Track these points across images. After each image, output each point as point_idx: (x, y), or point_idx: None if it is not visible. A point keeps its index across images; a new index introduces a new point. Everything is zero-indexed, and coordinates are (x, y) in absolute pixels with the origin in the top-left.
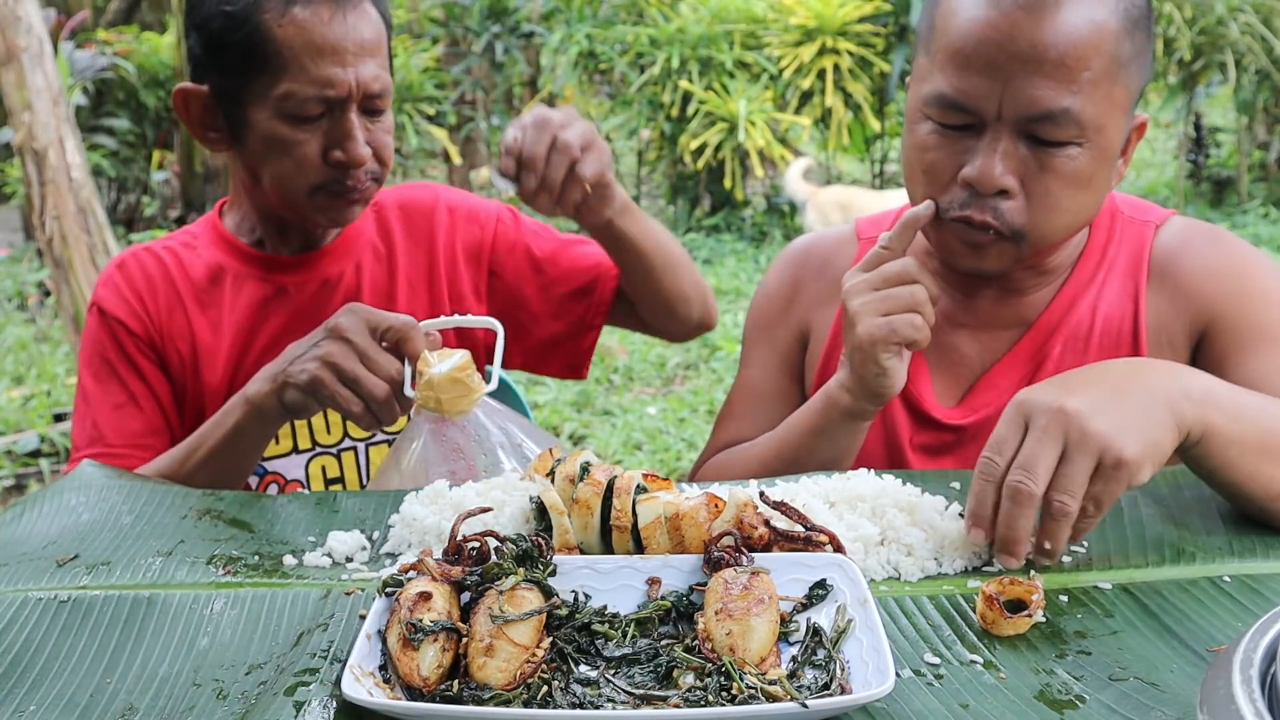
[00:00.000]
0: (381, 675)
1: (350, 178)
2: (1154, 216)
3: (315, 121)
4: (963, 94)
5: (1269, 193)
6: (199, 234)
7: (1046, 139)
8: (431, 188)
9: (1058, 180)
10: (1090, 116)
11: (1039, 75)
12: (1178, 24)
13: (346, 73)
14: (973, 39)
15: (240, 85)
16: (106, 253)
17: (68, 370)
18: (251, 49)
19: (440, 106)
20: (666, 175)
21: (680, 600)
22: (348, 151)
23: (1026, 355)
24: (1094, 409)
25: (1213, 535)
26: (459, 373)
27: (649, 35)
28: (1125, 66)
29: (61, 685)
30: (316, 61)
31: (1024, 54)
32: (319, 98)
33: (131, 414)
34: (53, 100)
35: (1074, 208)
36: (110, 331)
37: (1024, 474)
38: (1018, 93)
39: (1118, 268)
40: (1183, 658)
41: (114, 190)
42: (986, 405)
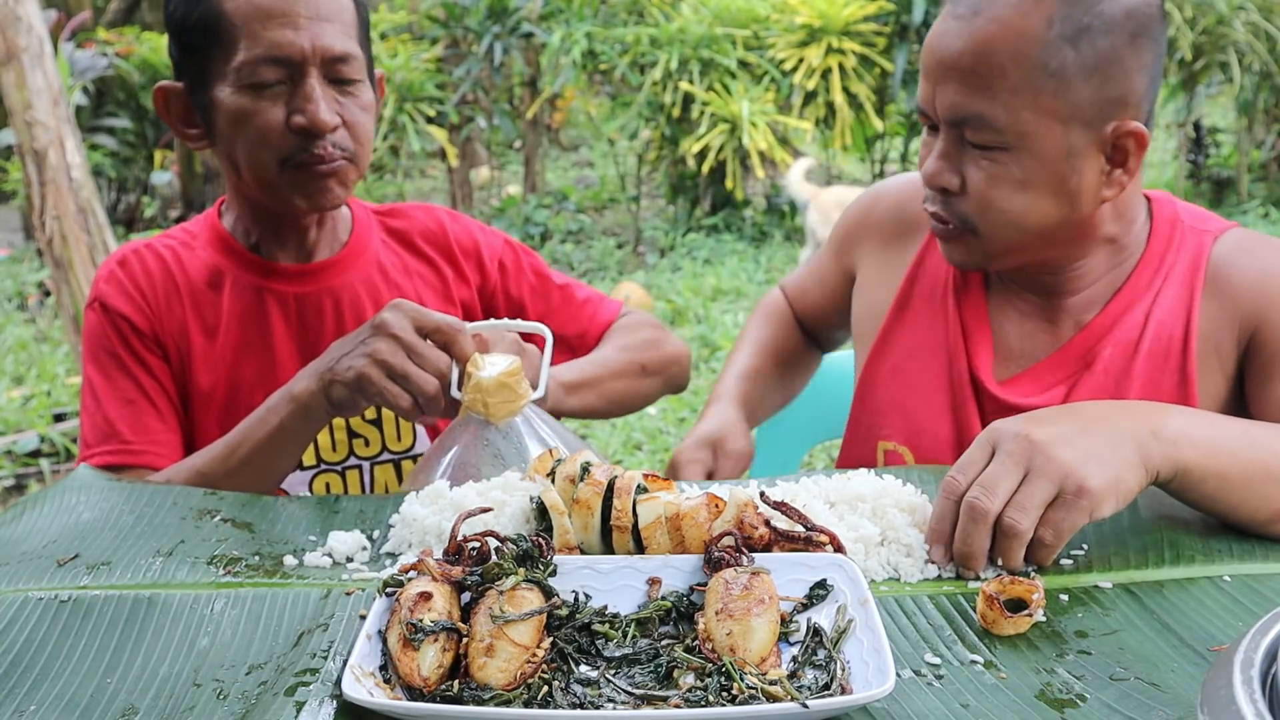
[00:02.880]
0: (382, 675)
1: (317, 147)
2: (1214, 226)
3: (274, 89)
4: (920, 98)
5: (1269, 193)
6: (197, 233)
7: (974, 142)
8: (438, 214)
9: (987, 181)
10: (1008, 123)
11: (955, 80)
12: (1178, 24)
13: (299, 35)
14: (927, 46)
15: (203, 67)
16: (106, 252)
17: (68, 370)
18: (207, 25)
19: (441, 107)
20: (667, 175)
21: (681, 600)
22: (308, 115)
23: (1076, 354)
24: (1060, 439)
25: (1213, 535)
26: (509, 378)
27: (650, 35)
28: (1057, 76)
29: (62, 685)
30: (267, 26)
31: (947, 60)
32: (272, 59)
33: (145, 410)
34: (53, 100)
35: (1014, 209)
36: (115, 327)
37: (981, 492)
38: (942, 96)
39: (1175, 276)
40: (1183, 657)
41: (114, 190)
42: (1027, 394)
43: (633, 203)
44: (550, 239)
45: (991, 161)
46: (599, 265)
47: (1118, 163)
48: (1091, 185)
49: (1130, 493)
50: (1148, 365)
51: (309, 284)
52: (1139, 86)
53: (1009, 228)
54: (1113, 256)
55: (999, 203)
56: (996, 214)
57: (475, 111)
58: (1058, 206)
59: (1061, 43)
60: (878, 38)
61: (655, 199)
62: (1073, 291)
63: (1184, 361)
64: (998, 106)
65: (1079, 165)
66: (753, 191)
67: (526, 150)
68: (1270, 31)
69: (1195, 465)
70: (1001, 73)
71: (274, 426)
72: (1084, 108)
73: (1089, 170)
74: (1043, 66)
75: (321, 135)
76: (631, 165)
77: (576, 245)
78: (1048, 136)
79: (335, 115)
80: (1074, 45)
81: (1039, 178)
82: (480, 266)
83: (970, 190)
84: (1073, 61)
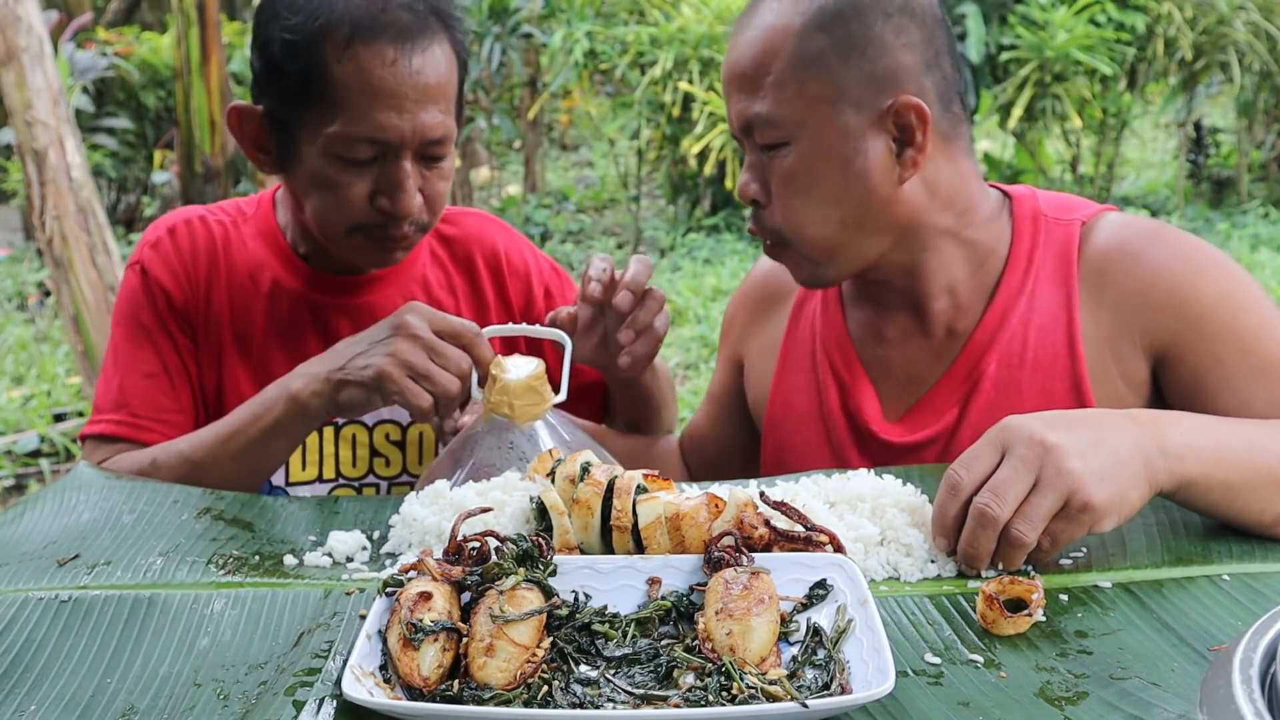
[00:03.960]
0: (382, 675)
1: (395, 226)
2: (1079, 213)
3: (366, 165)
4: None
5: (1269, 193)
6: (250, 216)
7: (762, 144)
8: (492, 228)
9: (779, 181)
10: (781, 115)
11: (735, 90)
12: (1178, 24)
13: (403, 120)
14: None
15: (293, 115)
16: (106, 253)
17: (68, 370)
18: (308, 81)
19: None
20: (668, 175)
21: (680, 600)
22: (395, 203)
23: (963, 373)
24: (1074, 450)
25: (1212, 534)
26: (534, 381)
27: (650, 35)
28: (816, 61)
29: (62, 685)
30: (373, 105)
31: (727, 74)
32: (371, 141)
33: (162, 386)
34: (53, 100)
35: (809, 202)
36: (150, 296)
37: (993, 498)
38: (731, 110)
39: (1046, 275)
40: (1184, 656)
41: (114, 190)
42: (928, 426)
43: (633, 203)
44: (550, 239)
45: (780, 160)
46: None
47: (907, 141)
48: (881, 165)
49: (1133, 510)
50: (1035, 375)
51: (351, 297)
52: (908, 62)
53: (813, 225)
54: (968, 255)
55: (794, 197)
56: (796, 211)
57: (475, 112)
58: (849, 191)
59: (814, 31)
60: None
61: (655, 199)
62: (934, 295)
63: (1074, 367)
64: (769, 102)
65: (861, 146)
66: None
67: (526, 150)
68: (1271, 31)
69: (1200, 477)
70: (766, 70)
71: (268, 423)
72: (850, 88)
73: (874, 150)
74: (800, 55)
75: (404, 219)
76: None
77: (576, 245)
78: (820, 120)
79: (419, 197)
80: (827, 31)
81: (823, 164)
82: (528, 291)
83: (773, 195)
84: (829, 45)
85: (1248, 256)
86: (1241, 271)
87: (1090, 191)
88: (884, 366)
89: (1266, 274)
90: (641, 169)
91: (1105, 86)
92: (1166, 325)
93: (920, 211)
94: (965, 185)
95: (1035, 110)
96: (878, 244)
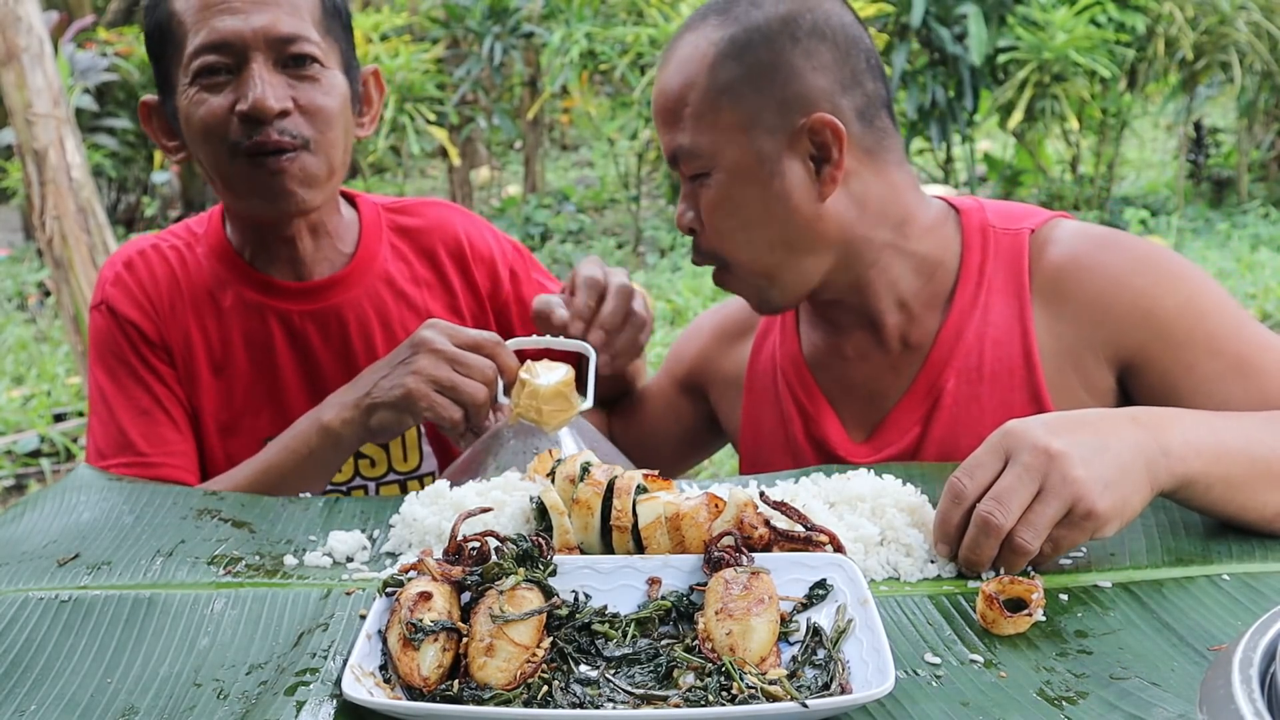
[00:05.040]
0: (382, 675)
1: (261, 133)
2: (1028, 222)
3: (220, 77)
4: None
5: (1269, 193)
6: (201, 235)
7: (689, 175)
8: (451, 214)
9: (707, 209)
10: (701, 146)
11: (662, 122)
12: (1179, 24)
13: (238, 19)
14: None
15: (165, 73)
16: (106, 252)
17: (68, 370)
18: (162, 29)
19: (442, 108)
20: (668, 175)
21: (680, 600)
22: (250, 100)
23: (923, 391)
24: (1078, 457)
25: (1212, 534)
26: (564, 387)
27: (649, 35)
28: (728, 90)
29: (62, 685)
30: (207, 15)
31: (655, 110)
32: (212, 46)
33: (160, 420)
34: (53, 100)
35: (735, 225)
36: (124, 334)
37: (996, 506)
38: (661, 143)
39: (998, 287)
40: (1183, 656)
41: (114, 190)
42: (892, 444)
43: (633, 203)
44: (550, 239)
45: (705, 188)
46: None
47: (824, 159)
48: (800, 185)
49: (1135, 514)
50: (993, 389)
51: (313, 302)
52: (821, 84)
53: (743, 247)
54: (915, 267)
55: (721, 224)
56: (726, 237)
57: (475, 112)
58: (772, 212)
59: (725, 60)
60: (877, 38)
61: (655, 199)
62: (885, 309)
63: (1031, 379)
64: (689, 134)
65: (778, 168)
66: None
67: (526, 150)
68: (1272, 31)
69: (1200, 476)
70: (684, 102)
71: (303, 457)
72: (762, 114)
73: (791, 171)
74: (714, 86)
75: (266, 120)
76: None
77: (576, 245)
78: (735, 148)
79: (284, 99)
80: (738, 60)
81: (742, 189)
82: (494, 274)
83: (704, 221)
84: (739, 74)
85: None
86: (1200, 273)
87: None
88: (844, 386)
89: (1266, 274)
90: (641, 169)
91: (1105, 87)
92: (1130, 336)
93: (851, 226)
94: (898, 197)
95: (1035, 111)
96: (816, 263)
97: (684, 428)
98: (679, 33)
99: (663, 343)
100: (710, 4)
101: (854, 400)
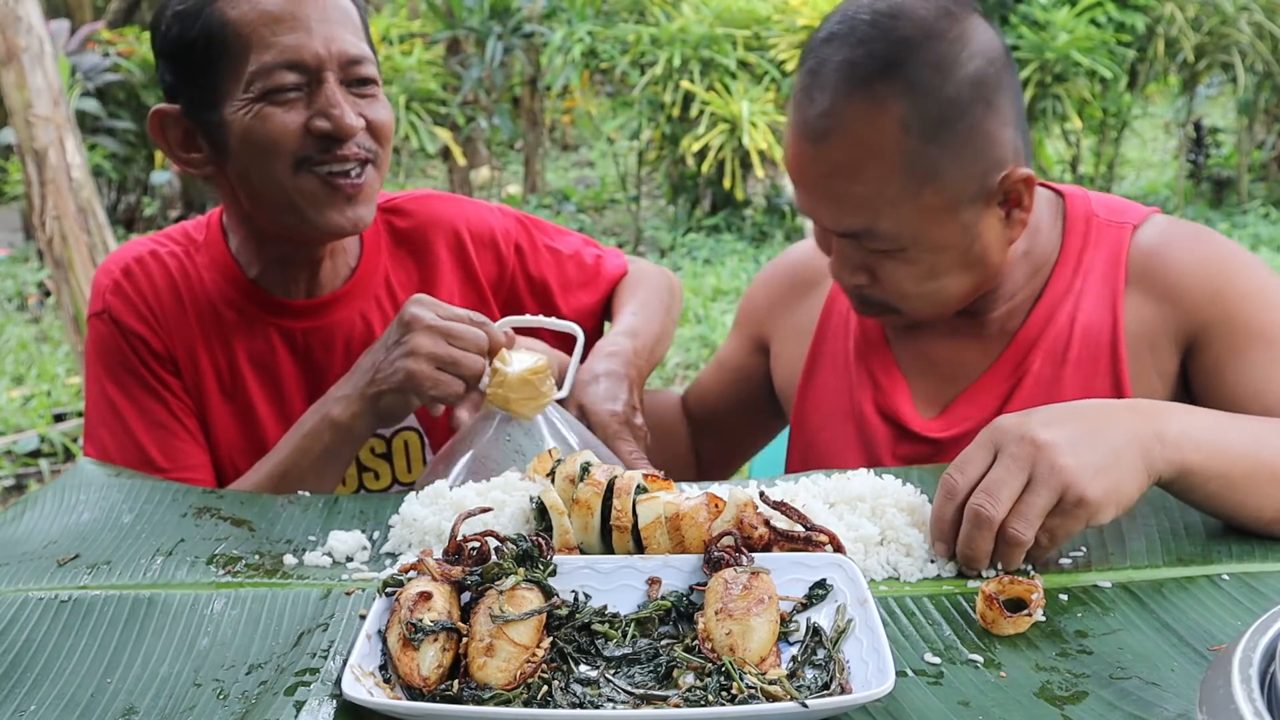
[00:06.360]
0: (382, 675)
1: (339, 148)
2: (1131, 217)
3: (290, 95)
4: (800, 206)
5: (1269, 193)
6: (201, 244)
7: (871, 249)
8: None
9: (894, 275)
10: (899, 231)
11: (831, 203)
12: (1180, 24)
13: (313, 39)
14: (788, 163)
15: (210, 85)
16: (106, 252)
17: (68, 370)
18: (211, 39)
19: (446, 107)
20: (668, 175)
21: (680, 600)
22: (333, 120)
23: (1008, 370)
24: (1065, 445)
25: (1212, 534)
26: (532, 375)
27: (650, 34)
28: (930, 176)
29: (62, 685)
30: (280, 31)
31: (813, 185)
32: (288, 65)
33: (176, 433)
34: (53, 100)
35: (929, 291)
36: (130, 345)
37: (986, 499)
38: (824, 216)
39: (1095, 274)
40: (1183, 656)
41: (114, 190)
42: (967, 419)
43: (633, 203)
44: None
45: (896, 261)
46: None
47: (1013, 204)
48: (995, 239)
49: (1130, 500)
50: (1078, 373)
51: (317, 318)
52: (1009, 138)
53: (931, 305)
54: (1029, 266)
55: (914, 290)
56: (915, 298)
57: (477, 111)
58: (970, 273)
59: (923, 144)
60: None
61: (655, 199)
62: (997, 304)
63: (1115, 364)
64: (883, 220)
65: (977, 231)
66: (753, 191)
67: (527, 150)
68: (1274, 31)
69: (1198, 467)
70: (876, 190)
71: (317, 454)
72: (967, 188)
73: (989, 229)
74: (912, 172)
75: (346, 140)
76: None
77: None
78: (938, 227)
79: (359, 117)
80: (935, 140)
81: (946, 261)
82: (498, 256)
83: (883, 282)
84: (939, 155)
85: None
86: (1274, 273)
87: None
88: (923, 362)
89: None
90: (641, 169)
91: (1106, 87)
92: (1198, 315)
93: (1014, 255)
94: (1036, 208)
95: (1035, 110)
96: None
97: (751, 394)
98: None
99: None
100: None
101: (931, 377)
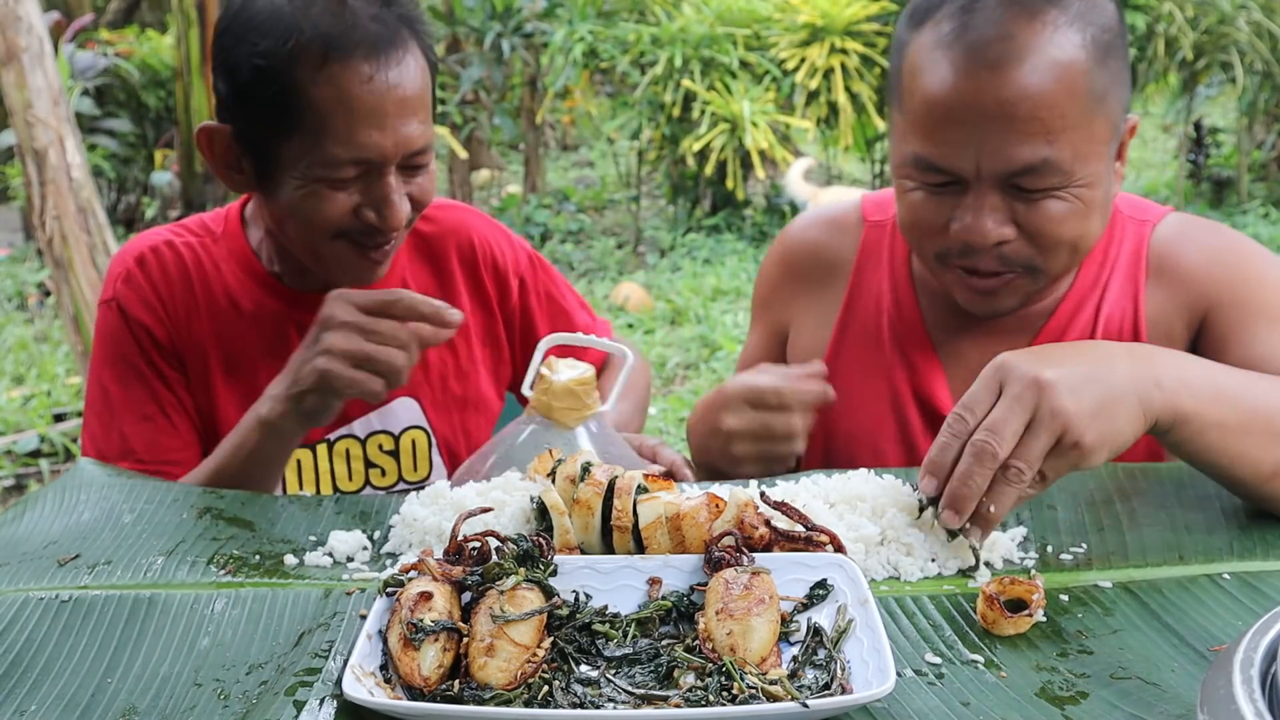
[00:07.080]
0: (382, 675)
1: (380, 235)
2: (1151, 215)
3: (349, 183)
4: (939, 156)
5: (1269, 193)
6: (219, 235)
7: (1031, 189)
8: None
9: (1051, 221)
10: (1071, 160)
11: (1013, 133)
12: (1179, 24)
13: (385, 136)
14: (942, 102)
15: (270, 140)
16: (106, 253)
17: (68, 370)
18: (284, 107)
19: (446, 107)
20: (668, 175)
21: (681, 600)
22: (384, 217)
23: None
24: (1068, 387)
25: (1213, 534)
26: (577, 385)
27: (651, 34)
28: (1103, 98)
29: (62, 685)
30: (354, 125)
31: (994, 114)
32: (356, 162)
33: (163, 427)
34: (53, 100)
35: (1077, 236)
36: (134, 335)
37: (990, 435)
38: (994, 152)
39: (1119, 269)
40: (1184, 656)
41: (114, 190)
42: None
43: (633, 202)
44: (550, 239)
45: (1054, 200)
46: (599, 265)
47: (1118, 155)
48: (1112, 188)
49: (1125, 445)
50: None
51: None
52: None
53: (1072, 255)
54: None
55: (1064, 235)
56: (1063, 249)
57: (477, 111)
58: (1104, 216)
59: (1098, 66)
60: (880, 38)
61: (655, 199)
62: (1045, 296)
63: None
64: (1061, 147)
65: (1110, 174)
66: (753, 191)
67: (527, 150)
68: (1273, 30)
69: (1195, 414)
70: (1063, 114)
71: (249, 452)
72: (1117, 121)
73: (1112, 176)
74: (1090, 96)
75: (392, 231)
76: (632, 165)
77: (576, 245)
78: (1100, 162)
79: (405, 200)
80: (1105, 65)
81: (1095, 202)
82: (502, 282)
83: (1031, 233)
84: (1109, 82)
85: None
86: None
87: None
88: (958, 350)
89: None
90: (642, 169)
91: None
92: (1209, 296)
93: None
94: None
95: None
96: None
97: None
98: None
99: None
100: None
101: (965, 365)
